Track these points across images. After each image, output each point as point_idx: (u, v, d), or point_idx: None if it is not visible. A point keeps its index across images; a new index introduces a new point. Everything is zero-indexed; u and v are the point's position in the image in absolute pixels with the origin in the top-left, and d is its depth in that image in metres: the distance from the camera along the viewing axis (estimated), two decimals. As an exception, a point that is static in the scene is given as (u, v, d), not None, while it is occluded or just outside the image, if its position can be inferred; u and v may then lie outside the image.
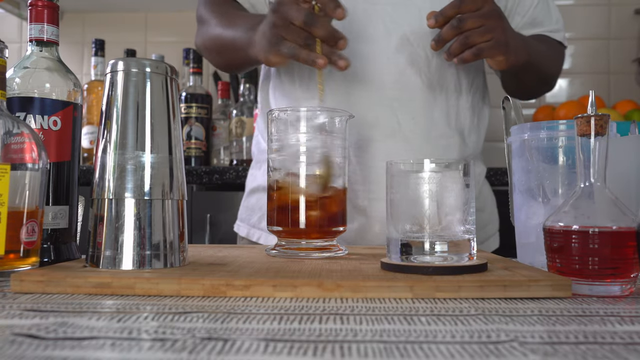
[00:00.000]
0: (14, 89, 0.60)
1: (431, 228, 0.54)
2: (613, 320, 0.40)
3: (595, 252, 0.48)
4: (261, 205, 0.96)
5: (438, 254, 0.54)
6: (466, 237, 0.55)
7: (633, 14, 2.02)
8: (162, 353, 0.32)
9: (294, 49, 0.75)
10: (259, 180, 0.98)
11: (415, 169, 0.55)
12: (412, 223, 0.54)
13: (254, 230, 0.97)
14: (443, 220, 0.54)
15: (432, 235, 0.54)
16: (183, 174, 0.58)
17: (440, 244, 0.54)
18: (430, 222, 0.54)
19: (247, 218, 0.99)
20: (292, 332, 0.36)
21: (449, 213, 0.54)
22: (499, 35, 0.78)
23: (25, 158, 0.54)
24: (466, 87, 0.92)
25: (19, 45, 2.16)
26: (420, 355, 0.31)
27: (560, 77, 2.14)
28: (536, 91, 1.06)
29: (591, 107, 0.52)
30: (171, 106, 0.57)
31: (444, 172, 0.55)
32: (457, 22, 0.77)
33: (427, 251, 0.54)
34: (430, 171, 0.54)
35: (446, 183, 0.54)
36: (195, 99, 1.81)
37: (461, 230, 0.54)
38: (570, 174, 0.61)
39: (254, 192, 0.99)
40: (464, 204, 0.55)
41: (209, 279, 0.48)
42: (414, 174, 0.55)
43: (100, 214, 0.54)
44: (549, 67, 0.99)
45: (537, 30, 0.99)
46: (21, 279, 0.49)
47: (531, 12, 0.99)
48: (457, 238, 0.54)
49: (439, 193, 0.54)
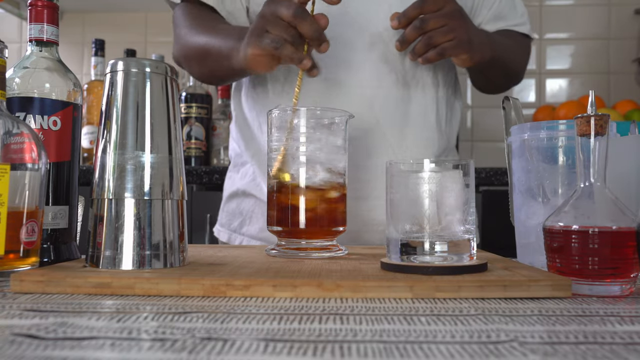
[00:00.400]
0: (13, 89, 0.60)
1: (431, 228, 0.54)
2: (613, 320, 0.40)
3: (595, 252, 0.48)
4: (241, 209, 0.97)
5: (438, 254, 0.54)
6: (466, 237, 0.55)
7: (633, 14, 2.02)
8: (162, 353, 0.32)
9: (278, 42, 0.72)
10: (237, 185, 0.98)
11: (415, 169, 0.55)
12: (411, 223, 0.54)
13: (235, 235, 0.97)
14: (443, 220, 0.54)
15: (432, 235, 0.54)
16: (183, 174, 0.58)
17: (440, 244, 0.54)
18: (430, 222, 0.54)
19: (227, 223, 0.99)
20: (292, 332, 0.36)
21: (448, 213, 0.54)
22: (461, 34, 0.79)
23: (25, 158, 0.54)
24: (442, 82, 0.93)
25: (19, 45, 2.17)
26: (420, 355, 0.31)
27: (560, 77, 2.12)
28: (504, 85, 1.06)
29: (591, 107, 0.52)
30: (171, 106, 0.57)
31: (443, 172, 0.55)
32: (419, 23, 0.79)
33: (427, 251, 0.54)
34: (430, 171, 0.54)
35: (446, 183, 0.54)
36: (195, 99, 1.81)
37: (461, 230, 0.54)
38: (570, 174, 0.61)
39: (233, 197, 0.99)
40: (463, 204, 0.55)
41: (208, 279, 0.48)
42: (414, 174, 0.55)
43: (100, 214, 0.54)
44: (515, 62, 1.00)
45: (503, 24, 1.00)
46: (21, 279, 0.49)
47: (496, 6, 0.99)
48: (457, 238, 0.54)
49: (438, 193, 0.54)
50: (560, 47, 2.05)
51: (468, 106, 2.04)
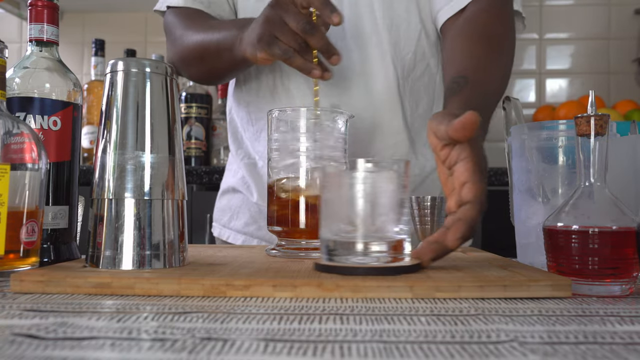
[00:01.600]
0: (13, 89, 0.60)
1: (364, 228, 0.52)
2: (613, 320, 0.40)
3: (595, 252, 0.48)
4: (231, 205, 1.00)
5: (372, 254, 0.52)
6: (400, 237, 0.54)
7: (633, 14, 2.02)
8: (161, 353, 0.32)
9: (288, 53, 0.72)
10: (229, 182, 1.02)
11: (348, 168, 0.54)
12: (345, 223, 0.53)
13: (224, 229, 1.01)
14: (376, 220, 0.53)
15: (365, 235, 0.52)
16: (183, 174, 0.58)
17: (373, 245, 0.53)
18: (364, 222, 0.52)
19: (219, 218, 1.03)
20: (292, 332, 0.36)
21: (382, 213, 0.53)
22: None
23: (25, 158, 0.54)
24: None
25: (19, 45, 2.17)
26: (420, 356, 0.31)
27: (560, 77, 2.12)
28: None
29: (591, 107, 0.52)
30: (171, 106, 0.57)
31: (377, 172, 0.54)
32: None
33: (360, 252, 0.52)
34: (364, 171, 0.53)
35: (380, 183, 0.53)
36: (195, 99, 1.81)
37: (395, 230, 0.53)
38: (570, 174, 0.61)
39: (225, 194, 1.03)
40: (397, 205, 0.53)
41: (208, 279, 0.48)
42: (348, 173, 0.54)
43: (100, 214, 0.54)
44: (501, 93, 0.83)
45: None
46: (21, 279, 0.49)
47: None
48: (391, 238, 0.53)
49: (372, 193, 0.52)
50: (560, 47, 2.05)
51: (468, 106, 2.04)
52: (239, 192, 0.99)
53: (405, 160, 0.55)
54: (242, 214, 0.98)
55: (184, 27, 0.90)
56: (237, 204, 0.99)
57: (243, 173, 0.98)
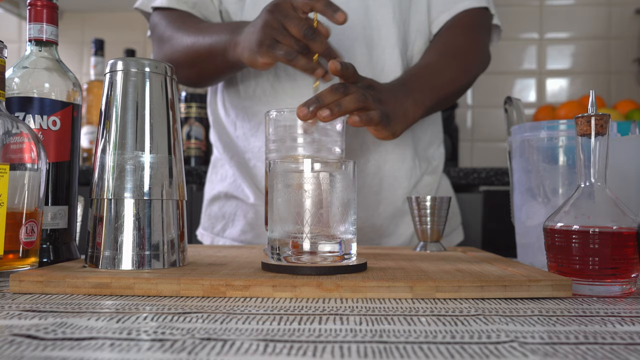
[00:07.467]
0: (13, 88, 0.60)
1: (311, 228, 0.53)
2: (613, 321, 0.40)
3: (596, 252, 0.48)
4: (224, 213, 0.97)
5: (319, 254, 0.53)
6: (347, 237, 0.54)
7: (633, 14, 2.02)
8: (161, 353, 0.31)
9: (291, 54, 0.72)
10: (218, 188, 0.99)
11: (296, 168, 0.54)
12: (292, 223, 0.53)
13: (217, 238, 0.98)
14: (323, 220, 0.53)
15: (312, 235, 0.53)
16: (183, 174, 0.58)
17: (321, 244, 0.53)
18: (311, 222, 0.53)
19: (210, 227, 1.00)
20: (292, 332, 0.36)
21: (329, 213, 0.53)
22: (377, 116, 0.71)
23: (24, 158, 0.54)
24: None
25: (18, 45, 2.16)
26: (420, 356, 0.31)
27: (560, 77, 2.12)
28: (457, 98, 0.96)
29: (591, 107, 0.52)
30: (171, 106, 0.57)
31: (325, 172, 0.54)
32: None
33: (308, 251, 0.53)
34: (311, 171, 0.53)
35: (327, 183, 0.53)
36: (195, 99, 1.81)
37: (342, 230, 0.54)
38: (571, 174, 0.61)
39: (215, 200, 1.00)
40: (344, 205, 0.54)
41: (208, 279, 0.48)
42: (295, 173, 0.54)
43: (100, 214, 0.54)
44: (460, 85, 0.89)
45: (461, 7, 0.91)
46: (20, 280, 0.49)
47: None
48: (338, 238, 0.53)
49: (319, 193, 0.53)
50: (561, 47, 2.05)
51: (468, 106, 2.04)
52: (232, 197, 0.96)
53: (353, 160, 0.56)
54: (238, 220, 0.95)
55: (173, 30, 0.89)
56: (231, 211, 0.96)
57: (234, 176, 0.95)
